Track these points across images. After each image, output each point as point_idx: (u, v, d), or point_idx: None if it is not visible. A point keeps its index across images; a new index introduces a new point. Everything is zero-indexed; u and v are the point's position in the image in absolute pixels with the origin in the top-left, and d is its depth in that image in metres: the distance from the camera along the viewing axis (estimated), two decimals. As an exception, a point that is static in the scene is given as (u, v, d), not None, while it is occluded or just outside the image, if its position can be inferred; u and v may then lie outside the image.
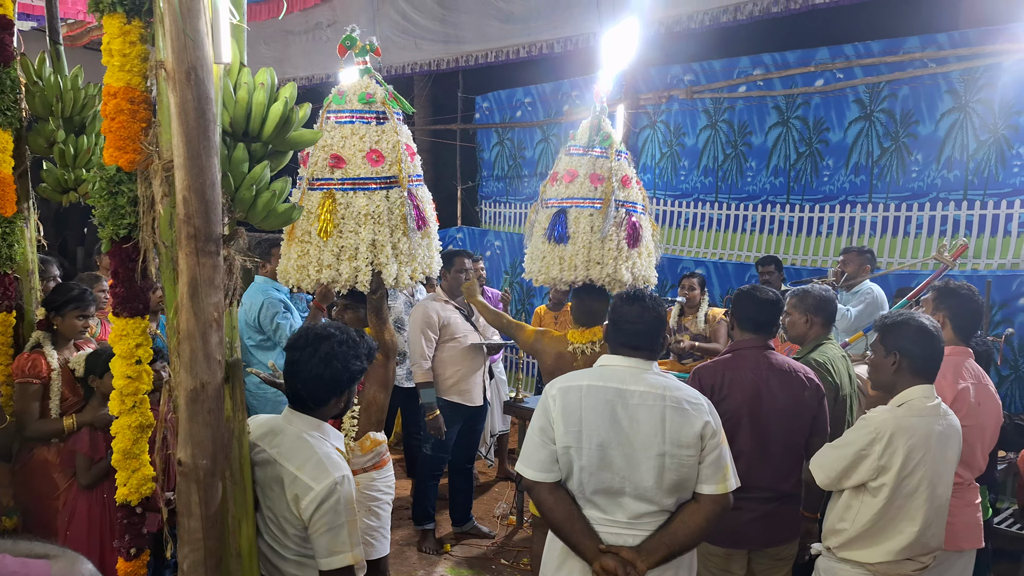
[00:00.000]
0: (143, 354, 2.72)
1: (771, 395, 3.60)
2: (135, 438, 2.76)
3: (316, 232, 3.69)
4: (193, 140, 2.35)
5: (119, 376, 2.70)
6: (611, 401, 2.84)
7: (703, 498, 2.84)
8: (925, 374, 3.24)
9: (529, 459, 2.92)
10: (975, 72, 6.64)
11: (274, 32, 11.13)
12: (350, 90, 3.87)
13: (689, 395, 2.89)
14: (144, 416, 2.77)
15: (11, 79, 3.70)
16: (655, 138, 9.00)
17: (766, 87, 7.97)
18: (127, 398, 2.72)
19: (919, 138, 7.01)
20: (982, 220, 6.70)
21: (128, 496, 2.81)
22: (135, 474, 2.80)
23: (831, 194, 7.60)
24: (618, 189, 4.49)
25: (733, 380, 3.62)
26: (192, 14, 2.34)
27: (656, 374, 2.95)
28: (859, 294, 6.00)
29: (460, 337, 5.73)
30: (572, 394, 2.88)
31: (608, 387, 2.87)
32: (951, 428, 3.24)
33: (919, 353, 3.21)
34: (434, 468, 5.88)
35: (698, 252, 8.63)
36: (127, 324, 2.68)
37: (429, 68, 10.17)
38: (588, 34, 8.53)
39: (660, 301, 3.08)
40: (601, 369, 2.98)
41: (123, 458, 2.77)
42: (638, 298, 3.03)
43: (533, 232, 4.66)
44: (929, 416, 3.18)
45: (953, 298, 3.96)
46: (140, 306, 2.70)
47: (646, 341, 2.96)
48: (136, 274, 2.64)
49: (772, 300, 3.77)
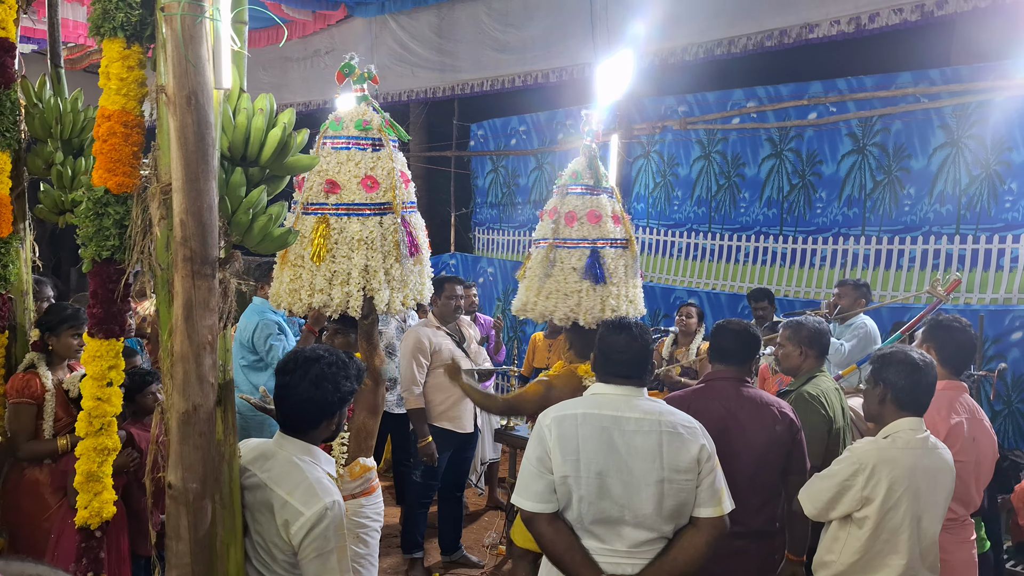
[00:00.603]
0: (115, 376, 2.71)
1: (740, 428, 3.55)
2: (100, 460, 2.74)
3: (309, 256, 3.69)
4: (192, 164, 2.37)
5: (88, 397, 2.69)
6: (607, 428, 2.84)
7: (701, 522, 2.85)
8: (912, 407, 3.25)
9: (527, 490, 2.90)
10: (967, 108, 6.71)
11: (273, 58, 11.21)
12: (347, 116, 3.89)
13: (683, 420, 2.90)
14: (111, 439, 2.75)
15: (11, 101, 3.72)
16: (649, 168, 9.06)
17: (760, 119, 8.04)
18: (95, 420, 2.71)
19: (912, 172, 7.07)
20: (975, 255, 6.74)
21: (88, 520, 2.79)
22: (96, 497, 2.77)
23: (824, 226, 7.64)
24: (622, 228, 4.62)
25: (700, 411, 3.47)
26: (194, 40, 2.36)
27: (649, 400, 2.96)
28: (852, 327, 6.01)
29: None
30: (568, 423, 2.88)
31: (603, 415, 2.87)
32: (941, 462, 3.23)
33: (903, 385, 3.22)
34: (423, 495, 5.84)
35: (691, 282, 8.66)
36: (101, 345, 2.68)
37: (425, 95, 10.25)
38: (583, 64, 8.62)
39: (646, 329, 3.09)
40: (594, 397, 2.97)
41: (86, 480, 2.75)
42: (625, 327, 3.04)
43: (550, 271, 4.61)
44: (915, 449, 3.18)
45: (941, 331, 3.97)
46: (116, 328, 2.69)
47: (635, 370, 2.97)
48: (116, 296, 2.64)
49: (746, 332, 3.75)
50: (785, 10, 6.89)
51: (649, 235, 9.09)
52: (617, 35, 8.12)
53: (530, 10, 8.95)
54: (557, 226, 4.58)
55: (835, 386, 4.19)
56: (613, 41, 8.19)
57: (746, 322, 3.86)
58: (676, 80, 9.01)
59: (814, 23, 6.73)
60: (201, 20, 2.37)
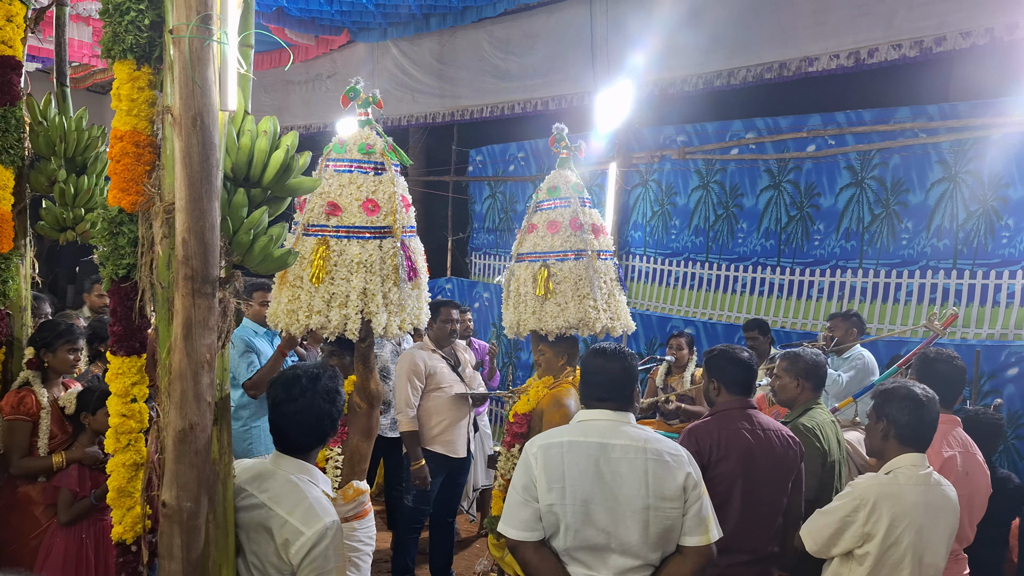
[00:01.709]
0: (138, 392, 2.72)
1: (763, 456, 3.57)
2: (130, 476, 2.75)
3: (308, 278, 3.70)
4: (196, 184, 2.38)
5: (115, 414, 2.70)
6: (593, 456, 2.84)
7: (688, 550, 2.84)
8: (914, 442, 3.25)
9: (512, 519, 2.90)
10: (964, 144, 6.76)
11: (275, 81, 11.29)
12: (350, 140, 3.92)
13: (669, 447, 2.89)
14: (139, 454, 2.76)
15: (16, 118, 3.75)
16: (647, 197, 9.09)
17: (758, 150, 8.08)
18: (122, 436, 2.71)
19: (909, 206, 7.10)
20: (971, 290, 6.76)
21: (123, 535, 2.79)
22: (130, 512, 2.77)
23: (821, 258, 7.66)
24: None
25: (730, 440, 3.57)
26: (201, 63, 2.39)
27: (635, 427, 2.95)
28: (850, 359, 6.02)
29: (446, 387, 5.72)
30: (553, 450, 2.88)
31: (590, 442, 2.87)
32: (944, 498, 3.22)
33: (906, 421, 3.23)
34: (415, 520, 5.82)
35: (687, 311, 8.66)
36: (124, 362, 2.69)
37: (425, 121, 10.33)
38: (583, 93, 8.70)
39: (626, 352, 3.08)
40: (581, 424, 2.97)
41: (118, 496, 2.75)
42: (601, 351, 3.06)
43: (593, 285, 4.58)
44: (918, 485, 3.17)
45: (926, 365, 4.02)
46: (137, 344, 2.71)
47: (613, 392, 2.98)
48: (134, 313, 2.65)
49: (748, 359, 3.77)
50: (785, 43, 6.97)
51: (646, 264, 9.11)
52: (617, 64, 8.20)
53: (531, 38, 9.04)
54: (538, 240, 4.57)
55: (831, 419, 4.19)
56: (613, 70, 8.27)
57: (745, 348, 3.87)
58: (675, 110, 9.08)
59: (813, 56, 6.81)
60: (209, 43, 2.40)
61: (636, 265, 9.22)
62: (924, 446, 3.27)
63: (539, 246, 4.54)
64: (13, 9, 3.72)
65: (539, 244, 4.54)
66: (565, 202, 4.58)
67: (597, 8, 8.31)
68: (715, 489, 3.48)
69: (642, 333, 8.65)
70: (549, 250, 4.50)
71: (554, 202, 4.61)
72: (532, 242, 4.58)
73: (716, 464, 3.51)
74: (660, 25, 7.57)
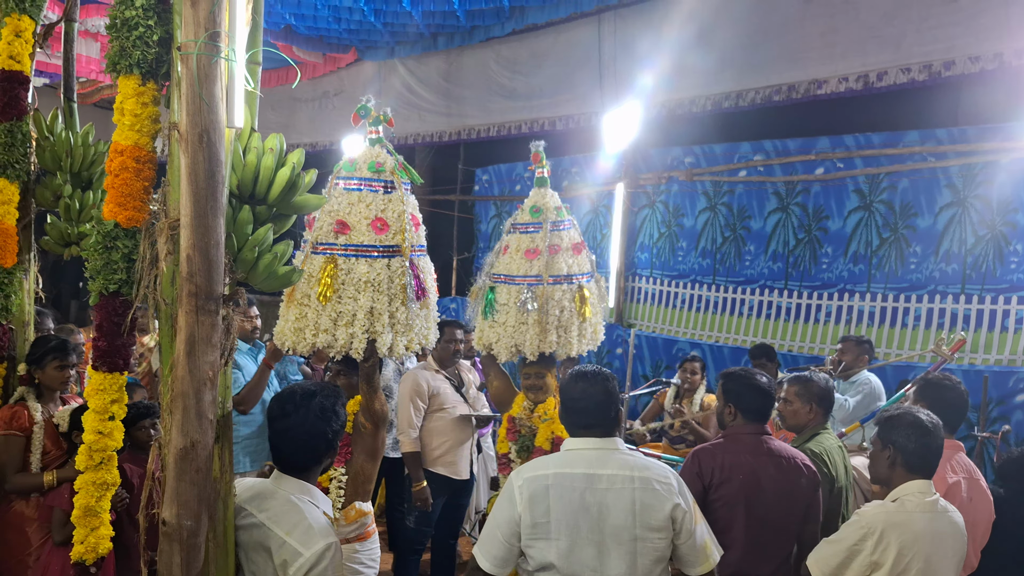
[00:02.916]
0: (117, 410, 2.69)
1: (769, 482, 3.52)
2: (99, 495, 2.72)
3: (315, 296, 3.68)
4: (201, 200, 2.37)
5: (90, 431, 2.67)
6: (579, 488, 2.78)
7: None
8: (921, 469, 3.21)
9: (487, 549, 2.85)
10: (973, 168, 6.74)
11: (282, 99, 11.33)
12: (360, 158, 3.90)
13: (658, 475, 2.84)
14: (110, 473, 2.72)
15: (22, 133, 3.75)
16: (654, 218, 9.08)
17: (766, 173, 8.07)
18: (95, 454, 2.69)
19: (918, 230, 7.08)
20: (979, 315, 6.72)
21: (84, 555, 2.76)
22: (93, 532, 2.74)
23: (829, 282, 7.63)
24: None
25: (733, 465, 3.53)
26: (209, 80, 2.38)
27: (623, 453, 2.89)
28: (856, 384, 5.98)
29: (449, 408, 5.68)
30: (539, 483, 2.82)
31: (575, 473, 2.81)
32: (951, 525, 3.18)
33: (913, 448, 3.19)
34: (416, 542, 5.76)
35: (694, 334, 8.63)
36: (105, 379, 2.67)
37: (431, 139, 10.35)
38: (590, 113, 8.70)
39: (607, 374, 3.02)
40: (567, 454, 2.91)
41: (83, 515, 2.73)
42: (581, 376, 2.99)
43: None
44: (925, 512, 3.13)
45: (930, 390, 3.96)
46: (120, 361, 2.68)
47: (596, 418, 2.91)
48: (121, 329, 2.63)
49: (768, 386, 3.71)
50: (794, 66, 6.97)
51: (652, 285, 9.09)
52: (625, 85, 8.21)
53: (538, 58, 9.06)
54: None
55: (838, 444, 4.14)
56: (621, 91, 8.28)
57: (765, 375, 3.81)
58: (683, 131, 9.07)
59: (822, 79, 6.80)
60: (216, 60, 2.39)
61: (642, 287, 9.19)
62: (931, 473, 3.24)
63: (521, 270, 4.52)
64: (22, 24, 3.73)
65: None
66: (557, 225, 4.58)
67: (605, 28, 8.33)
68: (716, 513, 3.46)
69: (648, 355, 8.62)
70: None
71: (534, 226, 4.59)
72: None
73: (718, 487, 3.47)
74: (669, 46, 7.58)
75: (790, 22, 6.96)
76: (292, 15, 8.19)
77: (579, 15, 8.21)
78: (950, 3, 6.10)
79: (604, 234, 9.60)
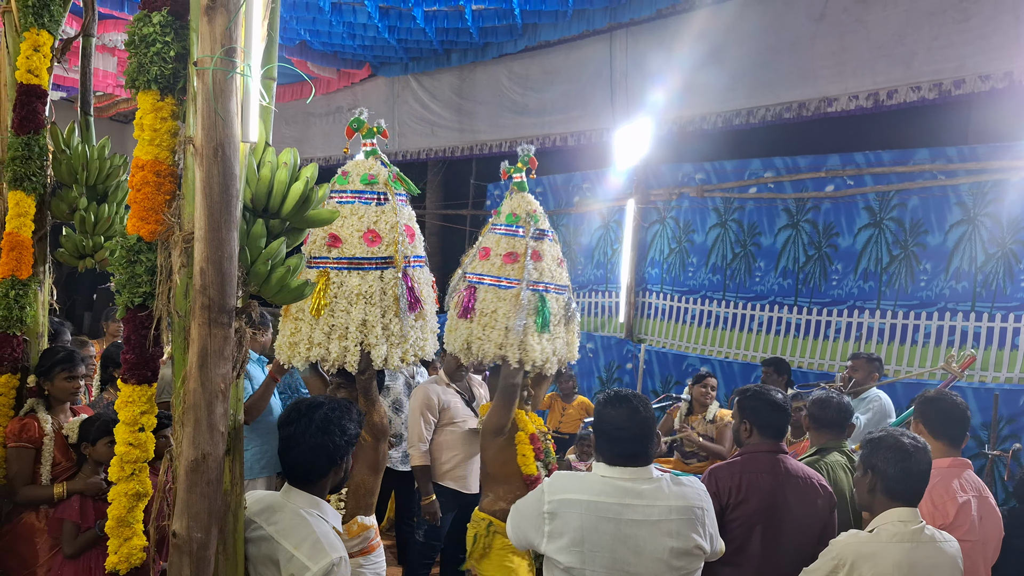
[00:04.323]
0: (147, 422, 2.71)
1: (786, 503, 3.46)
2: (131, 506, 2.73)
3: (308, 310, 3.70)
4: (215, 214, 2.39)
5: (121, 443, 2.69)
6: (614, 520, 2.74)
7: None
8: (903, 496, 3.05)
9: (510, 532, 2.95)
10: (983, 186, 6.74)
11: (296, 113, 11.41)
12: (353, 170, 3.92)
13: (695, 501, 2.83)
14: (142, 484, 2.74)
15: (40, 146, 3.80)
16: (664, 234, 9.09)
17: (777, 189, 8.08)
18: (127, 465, 2.70)
19: (928, 248, 7.07)
20: (990, 332, 6.70)
21: (117, 565, 2.77)
22: (127, 543, 2.75)
23: (839, 298, 7.62)
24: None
25: (751, 485, 3.47)
26: (224, 94, 2.40)
27: (656, 481, 2.84)
28: (866, 401, 5.96)
29: (459, 422, 5.69)
30: (573, 509, 2.77)
31: (610, 503, 2.75)
32: (939, 555, 3.01)
33: (892, 473, 3.03)
34: (425, 556, 5.76)
35: (703, 349, 8.62)
36: (134, 391, 2.68)
37: (443, 154, 10.40)
38: (601, 129, 8.74)
39: (646, 401, 2.94)
40: (601, 482, 2.83)
41: (117, 526, 2.74)
42: (623, 399, 2.88)
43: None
44: (904, 542, 2.97)
45: (926, 405, 3.86)
46: (149, 373, 2.70)
47: (640, 447, 2.83)
48: (148, 342, 2.65)
49: (784, 403, 3.66)
50: (804, 83, 7.00)
51: (662, 301, 9.09)
52: (636, 102, 8.25)
53: (550, 74, 9.11)
54: None
55: (845, 462, 4.09)
56: (632, 107, 8.32)
57: (782, 392, 3.76)
58: (694, 147, 9.10)
59: (832, 97, 6.82)
60: (232, 75, 2.42)
61: (653, 302, 9.20)
62: (914, 500, 3.07)
63: (477, 269, 4.50)
64: (40, 39, 3.78)
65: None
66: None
67: (617, 46, 8.37)
68: (732, 532, 3.42)
69: (657, 371, 8.61)
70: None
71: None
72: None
73: (734, 508, 3.44)
74: (680, 63, 7.62)
75: (801, 40, 6.99)
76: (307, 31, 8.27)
77: (591, 32, 8.27)
78: (961, 22, 6.12)
79: (615, 249, 9.61)
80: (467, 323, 4.44)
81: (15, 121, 3.78)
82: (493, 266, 4.44)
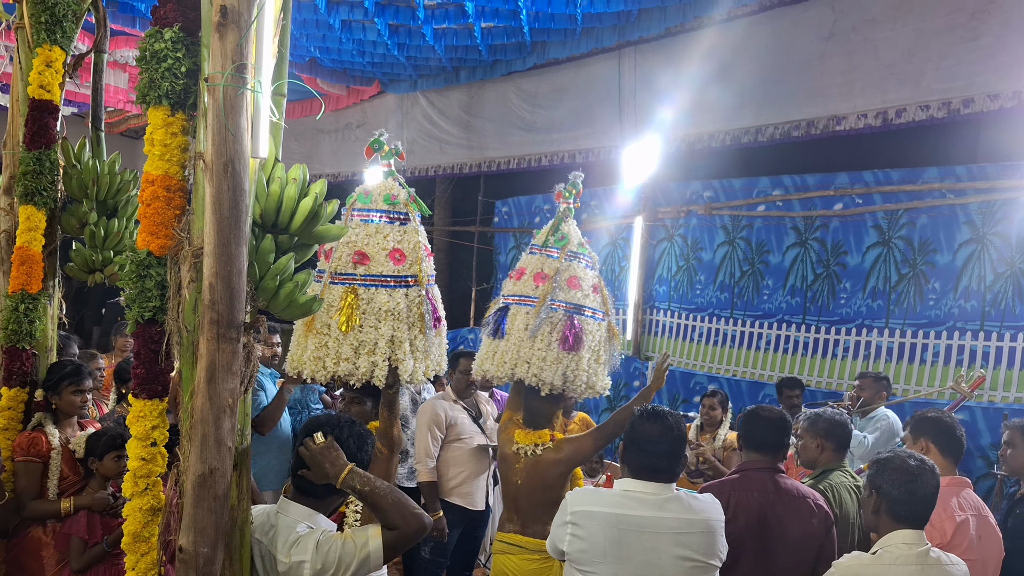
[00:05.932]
0: (159, 436, 2.71)
1: (778, 522, 3.43)
2: (146, 521, 2.73)
3: (337, 325, 3.72)
4: (225, 229, 2.40)
5: (134, 458, 2.69)
6: (638, 533, 2.79)
7: None
8: (908, 519, 2.99)
9: None
10: (992, 205, 6.73)
11: (305, 129, 11.45)
12: (375, 190, 3.97)
13: (713, 515, 2.89)
14: (156, 499, 2.75)
15: (51, 161, 3.83)
16: (672, 251, 9.09)
17: (785, 207, 8.08)
18: (140, 480, 2.71)
19: (936, 267, 7.06)
20: (999, 352, 6.67)
21: None
22: (144, 558, 2.75)
23: (848, 317, 7.60)
24: (561, 290, 4.41)
25: (739, 503, 3.45)
26: (235, 110, 2.42)
27: (678, 497, 2.90)
28: (874, 420, 5.93)
29: (466, 438, 5.68)
30: (596, 521, 2.83)
31: (633, 516, 2.81)
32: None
33: (897, 495, 2.98)
34: (431, 572, 5.74)
35: (711, 367, 8.60)
36: (145, 406, 2.69)
37: (452, 171, 10.42)
38: (610, 147, 8.75)
39: (681, 419, 2.99)
40: (626, 496, 2.89)
41: (133, 541, 2.74)
42: (659, 416, 2.95)
43: None
44: (908, 565, 2.91)
45: (929, 423, 3.83)
46: (159, 388, 2.71)
47: (669, 462, 2.90)
48: (159, 356, 2.66)
49: (778, 419, 3.64)
50: (812, 102, 7.00)
51: (670, 319, 9.07)
52: (644, 119, 8.26)
53: (559, 91, 9.13)
54: None
55: (850, 483, 4.05)
56: (640, 125, 8.33)
57: (779, 409, 3.75)
58: (702, 165, 9.10)
59: (841, 116, 6.82)
60: (243, 91, 2.43)
61: (660, 320, 9.18)
62: (921, 522, 3.01)
63: (508, 290, 4.57)
64: (53, 55, 3.81)
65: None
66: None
67: (625, 63, 8.39)
68: None
69: (665, 389, 8.58)
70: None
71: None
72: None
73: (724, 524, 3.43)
74: (688, 81, 7.63)
75: (809, 59, 6.99)
76: (317, 48, 8.31)
77: (599, 50, 8.28)
78: (969, 41, 6.12)
79: (622, 267, 9.61)
80: (566, 354, 4.37)
81: (27, 136, 3.81)
82: (586, 297, 4.48)
